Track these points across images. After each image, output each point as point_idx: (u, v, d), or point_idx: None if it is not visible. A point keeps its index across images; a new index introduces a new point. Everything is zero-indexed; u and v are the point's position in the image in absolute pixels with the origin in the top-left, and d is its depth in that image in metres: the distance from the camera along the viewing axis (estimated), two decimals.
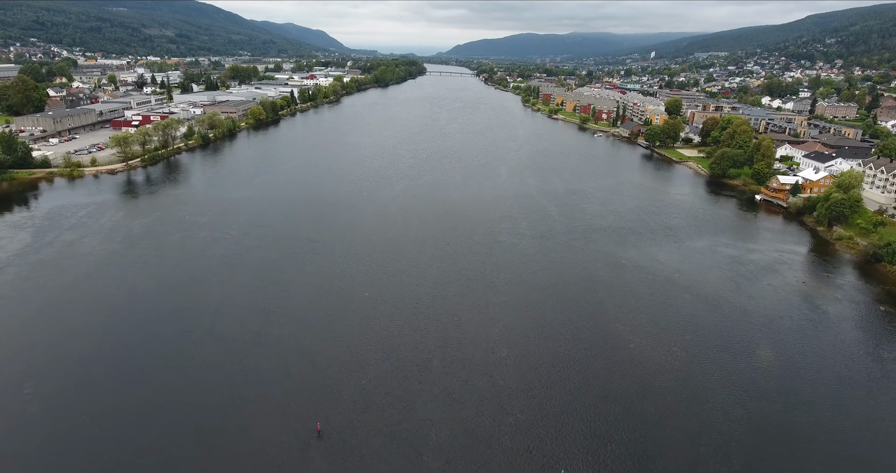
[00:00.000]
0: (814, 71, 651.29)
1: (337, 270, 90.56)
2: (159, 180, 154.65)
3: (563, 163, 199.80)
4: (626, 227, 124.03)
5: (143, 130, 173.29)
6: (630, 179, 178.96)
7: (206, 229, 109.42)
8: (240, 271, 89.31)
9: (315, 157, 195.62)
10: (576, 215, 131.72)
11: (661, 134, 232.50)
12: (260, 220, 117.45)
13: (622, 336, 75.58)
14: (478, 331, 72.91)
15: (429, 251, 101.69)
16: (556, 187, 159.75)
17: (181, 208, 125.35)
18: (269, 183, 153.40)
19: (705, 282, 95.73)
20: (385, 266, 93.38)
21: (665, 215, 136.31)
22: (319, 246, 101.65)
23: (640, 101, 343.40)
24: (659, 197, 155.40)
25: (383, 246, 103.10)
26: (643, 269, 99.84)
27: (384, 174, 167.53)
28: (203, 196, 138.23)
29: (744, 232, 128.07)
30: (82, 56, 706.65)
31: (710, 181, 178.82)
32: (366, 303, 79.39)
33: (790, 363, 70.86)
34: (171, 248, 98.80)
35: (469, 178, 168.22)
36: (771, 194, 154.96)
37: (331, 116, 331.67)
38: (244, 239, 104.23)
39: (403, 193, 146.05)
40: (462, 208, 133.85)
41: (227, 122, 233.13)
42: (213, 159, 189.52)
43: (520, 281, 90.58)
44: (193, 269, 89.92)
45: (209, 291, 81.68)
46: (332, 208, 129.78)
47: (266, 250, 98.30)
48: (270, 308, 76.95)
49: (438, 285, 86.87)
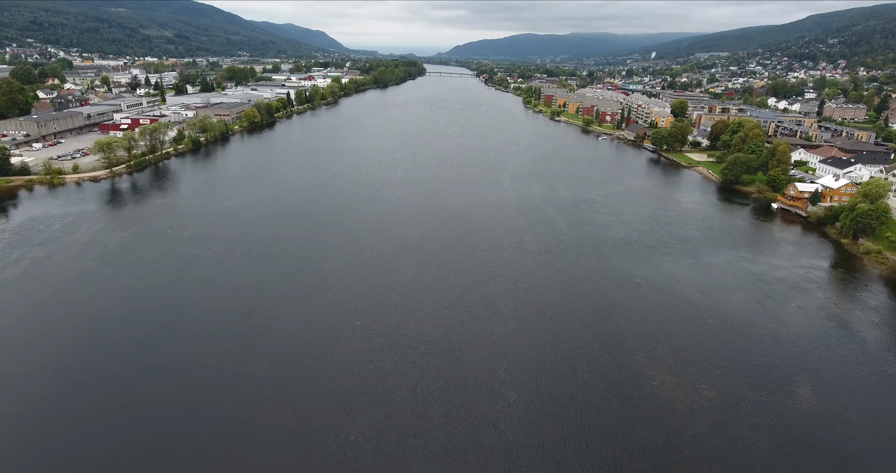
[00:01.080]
0: (818, 71, 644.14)
1: (327, 293, 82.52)
2: (144, 188, 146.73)
3: (567, 168, 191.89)
4: (638, 240, 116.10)
5: (128, 135, 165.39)
6: (638, 185, 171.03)
7: (188, 245, 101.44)
8: (220, 295, 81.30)
9: (310, 161, 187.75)
10: (584, 226, 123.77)
11: (668, 137, 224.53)
12: (247, 233, 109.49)
13: (643, 371, 67.65)
14: (482, 369, 64.90)
15: (428, 270, 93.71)
16: (562, 195, 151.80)
17: (164, 219, 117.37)
18: (260, 191, 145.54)
19: (729, 304, 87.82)
20: (380, 289, 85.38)
21: (679, 225, 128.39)
22: (309, 265, 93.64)
23: (644, 102, 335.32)
24: (670, 205, 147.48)
25: (379, 264, 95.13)
26: (660, 289, 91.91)
27: (381, 181, 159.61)
28: (188, 206, 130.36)
29: (763, 245, 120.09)
30: (79, 57, 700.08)
31: (723, 188, 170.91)
32: (357, 334, 71.39)
33: (835, 405, 62.92)
34: (147, 267, 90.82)
35: (470, 185, 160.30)
36: (788, 203, 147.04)
37: (328, 119, 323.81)
38: (228, 256, 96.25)
39: (401, 202, 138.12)
40: (463, 219, 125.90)
41: (219, 125, 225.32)
42: (202, 165, 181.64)
43: (527, 306, 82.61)
44: (169, 292, 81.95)
45: (184, 319, 73.66)
46: (326, 220, 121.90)
47: (251, 270, 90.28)
48: (251, 341, 68.95)
49: (438, 310, 78.90)
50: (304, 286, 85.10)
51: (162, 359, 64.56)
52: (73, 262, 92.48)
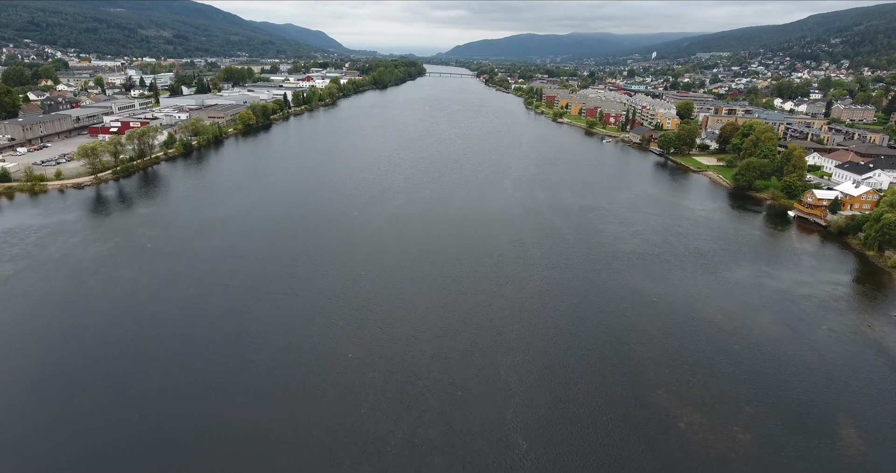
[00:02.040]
0: (821, 71, 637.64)
1: (317, 319, 75.31)
2: (129, 196, 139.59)
3: (572, 173, 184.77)
4: (651, 252, 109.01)
5: (114, 140, 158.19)
6: (647, 191, 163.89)
7: (170, 260, 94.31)
8: (199, 320, 74.12)
9: (305, 166, 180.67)
10: (593, 237, 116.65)
11: (675, 140, 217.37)
12: (234, 247, 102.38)
13: (667, 410, 60.59)
14: (488, 411, 57.76)
15: (427, 290, 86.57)
16: (569, 203, 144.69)
17: (146, 231, 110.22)
18: (252, 198, 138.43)
19: (754, 327, 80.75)
20: (376, 313, 78.21)
21: (693, 236, 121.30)
22: (299, 285, 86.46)
23: (649, 104, 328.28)
24: (682, 213, 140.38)
25: (375, 283, 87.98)
26: (679, 310, 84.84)
27: (379, 187, 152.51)
28: (174, 215, 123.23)
29: (784, 258, 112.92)
30: (76, 57, 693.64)
31: (735, 194, 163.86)
32: (349, 368, 64.25)
33: (884, 450, 55.89)
34: (122, 287, 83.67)
35: (472, 191, 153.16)
36: (806, 211, 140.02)
37: (326, 120, 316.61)
38: (212, 274, 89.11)
39: (400, 211, 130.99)
40: (465, 230, 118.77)
41: (212, 128, 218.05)
42: (193, 170, 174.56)
43: (535, 332, 75.45)
44: (143, 317, 74.78)
45: (157, 351, 66.49)
46: (319, 231, 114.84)
47: (235, 291, 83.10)
48: (230, 378, 61.81)
49: (438, 338, 71.76)
50: (293, 310, 77.91)
51: (126, 403, 57.33)
52: (42, 281, 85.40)
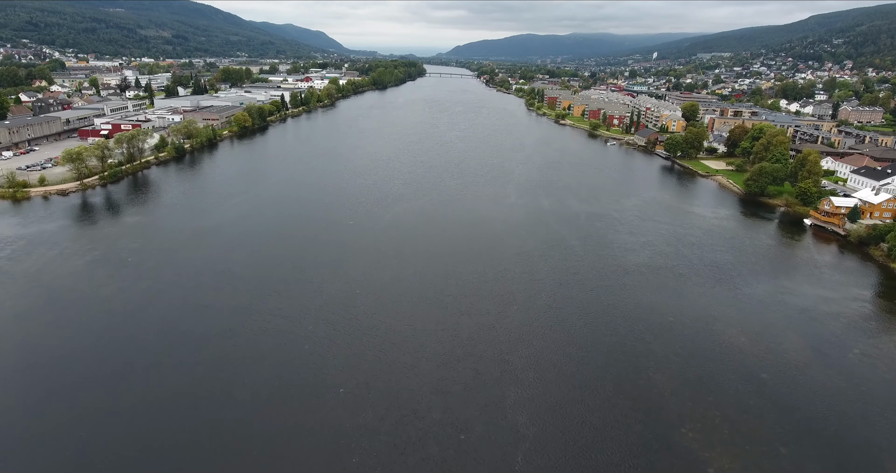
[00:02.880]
0: (825, 72, 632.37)
1: (306, 345, 68.98)
2: (115, 203, 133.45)
3: (577, 178, 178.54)
4: (664, 265, 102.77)
5: (101, 144, 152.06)
6: (656, 197, 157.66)
7: (151, 277, 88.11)
8: (176, 349, 67.74)
9: (300, 171, 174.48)
10: (602, 249, 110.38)
11: (683, 144, 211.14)
12: (222, 261, 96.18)
13: (693, 452, 54.40)
14: (495, 460, 51.42)
15: (427, 310, 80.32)
16: (575, 210, 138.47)
17: (130, 242, 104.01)
18: (243, 206, 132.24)
19: (781, 352, 74.50)
20: (372, 337, 71.94)
21: (707, 247, 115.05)
22: (288, 305, 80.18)
23: (653, 105, 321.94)
24: (694, 222, 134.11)
25: (370, 303, 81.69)
26: (698, 331, 78.64)
27: (377, 194, 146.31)
28: (160, 225, 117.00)
29: (805, 271, 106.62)
30: (74, 58, 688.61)
31: (746, 200, 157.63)
32: (341, 404, 57.97)
33: None
34: (97, 308, 77.44)
35: (474, 199, 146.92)
36: (823, 219, 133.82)
37: (324, 122, 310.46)
38: (195, 293, 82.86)
39: (398, 220, 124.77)
40: (467, 242, 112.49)
41: (205, 131, 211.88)
42: (184, 175, 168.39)
43: (544, 360, 69.12)
44: (117, 344, 68.52)
45: (125, 388, 60.05)
46: (313, 243, 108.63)
47: (219, 313, 76.82)
48: (202, 418, 55.48)
49: (439, 367, 65.48)
50: (280, 335, 71.57)
51: (85, 449, 51.13)
52: (12, 299, 79.30)
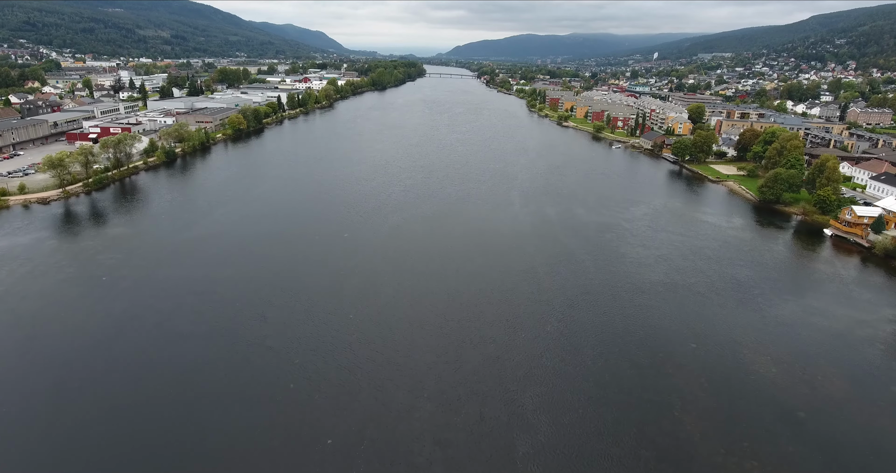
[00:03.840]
0: (828, 73, 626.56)
1: (290, 384, 61.47)
2: (98, 212, 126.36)
3: (583, 184, 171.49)
4: (682, 283, 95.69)
5: (85, 149, 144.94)
6: (666, 205, 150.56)
7: (126, 298, 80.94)
8: (145, 388, 60.11)
9: (295, 176, 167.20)
10: (615, 265, 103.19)
11: (691, 147, 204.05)
12: (204, 279, 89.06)
13: None
14: None
15: (427, 339, 73.00)
16: (583, 220, 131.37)
17: (108, 257, 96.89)
18: (232, 216, 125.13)
19: (817, 384, 67.44)
20: (364, 373, 64.67)
21: (725, 261, 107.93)
22: (273, 332, 72.92)
23: (658, 107, 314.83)
24: (709, 232, 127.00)
25: (365, 330, 74.43)
26: (724, 360, 71.55)
27: (374, 203, 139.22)
28: (143, 237, 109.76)
29: (831, 288, 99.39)
30: (72, 58, 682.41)
31: (761, 208, 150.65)
32: (327, 459, 50.58)
33: None
34: (62, 339, 70.01)
35: (476, 208, 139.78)
36: (844, 229, 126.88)
37: (322, 124, 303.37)
38: (172, 318, 75.59)
39: (396, 233, 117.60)
40: (469, 258, 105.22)
41: (197, 134, 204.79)
42: (174, 182, 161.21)
43: (556, 399, 61.77)
44: (79, 380, 61.28)
45: (85, 433, 53.08)
46: (305, 258, 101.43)
47: (196, 343, 69.43)
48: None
49: (439, 411, 58.19)
50: (263, 370, 64.22)
51: None
52: None
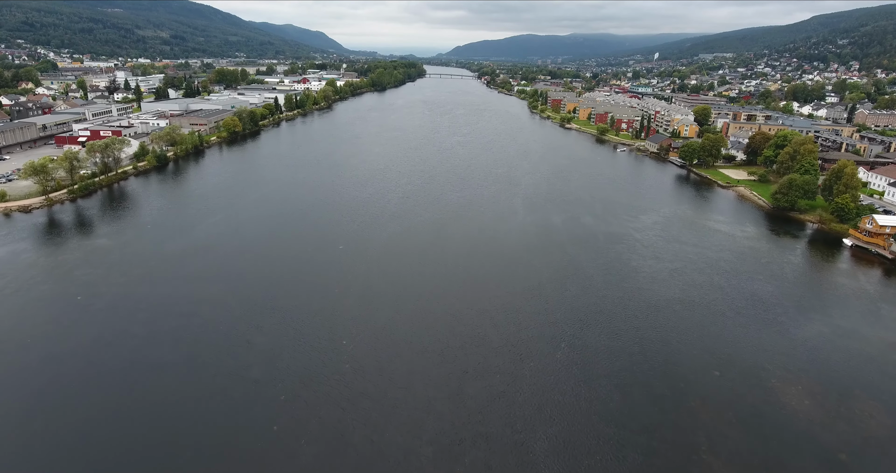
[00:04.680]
0: (832, 73, 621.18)
1: (273, 426, 54.97)
2: (81, 222, 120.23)
3: (589, 190, 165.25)
4: (699, 300, 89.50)
5: (70, 154, 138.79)
6: (676, 212, 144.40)
7: (99, 321, 74.72)
8: (111, 433, 53.92)
9: (290, 182, 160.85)
10: (627, 281, 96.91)
11: (700, 151, 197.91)
12: (187, 299, 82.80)
13: None
14: None
15: (427, 369, 66.59)
16: (591, 230, 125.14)
17: (84, 272, 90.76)
18: (222, 225, 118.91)
19: (854, 419, 61.31)
20: (357, 411, 58.30)
21: (743, 275, 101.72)
22: (260, 360, 66.65)
23: (663, 108, 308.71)
24: (723, 242, 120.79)
25: (358, 360, 68.10)
26: (751, 391, 65.39)
27: (372, 210, 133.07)
28: (126, 249, 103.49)
29: (858, 305, 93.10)
30: (69, 58, 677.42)
31: (774, 215, 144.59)
32: None
33: None
34: (24, 370, 63.85)
35: (478, 216, 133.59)
36: (865, 239, 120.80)
37: (319, 126, 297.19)
38: (148, 345, 69.17)
39: (394, 244, 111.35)
40: (471, 273, 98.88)
41: (190, 137, 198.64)
42: (164, 188, 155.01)
43: (571, 443, 55.19)
44: (41, 426, 55.14)
45: None
46: (296, 273, 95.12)
47: (171, 374, 63.06)
48: None
49: (440, 458, 51.68)
50: (244, 409, 57.76)
51: None
52: None
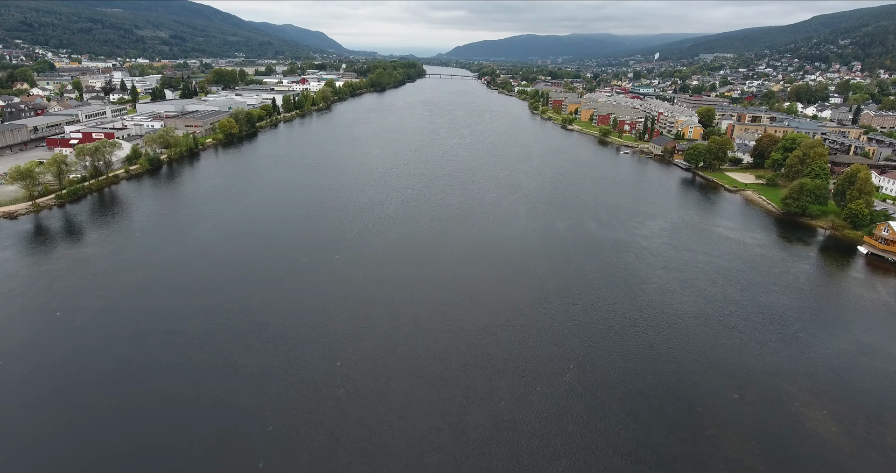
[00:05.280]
0: (835, 74, 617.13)
1: (259, 463, 50.45)
2: (68, 229, 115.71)
3: (593, 194, 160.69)
4: (713, 314, 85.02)
5: (58, 158, 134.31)
6: (684, 218, 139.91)
7: (77, 341, 70.07)
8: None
9: (285, 187, 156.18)
10: (636, 292, 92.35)
11: (706, 154, 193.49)
12: (172, 312, 78.25)
13: None
14: None
15: (426, 394, 61.92)
16: (596, 237, 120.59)
17: (66, 284, 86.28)
18: (213, 233, 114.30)
19: (887, 449, 56.88)
20: (351, 444, 53.48)
21: (757, 286, 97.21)
22: (246, 387, 61.95)
23: (666, 110, 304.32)
24: (734, 250, 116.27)
25: (353, 383, 63.52)
26: (775, 417, 60.91)
27: (369, 217, 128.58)
28: (113, 257, 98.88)
29: (879, 319, 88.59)
30: (67, 58, 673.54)
31: (784, 221, 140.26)
32: None
33: None
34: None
35: (479, 222, 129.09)
36: (881, 247, 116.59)
37: (318, 128, 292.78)
38: (127, 368, 64.57)
39: (392, 254, 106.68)
40: (473, 284, 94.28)
41: (185, 139, 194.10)
42: (156, 192, 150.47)
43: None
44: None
45: None
46: (288, 287, 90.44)
47: (150, 401, 58.13)
48: None
49: None
50: (227, 443, 52.97)
51: None
52: None
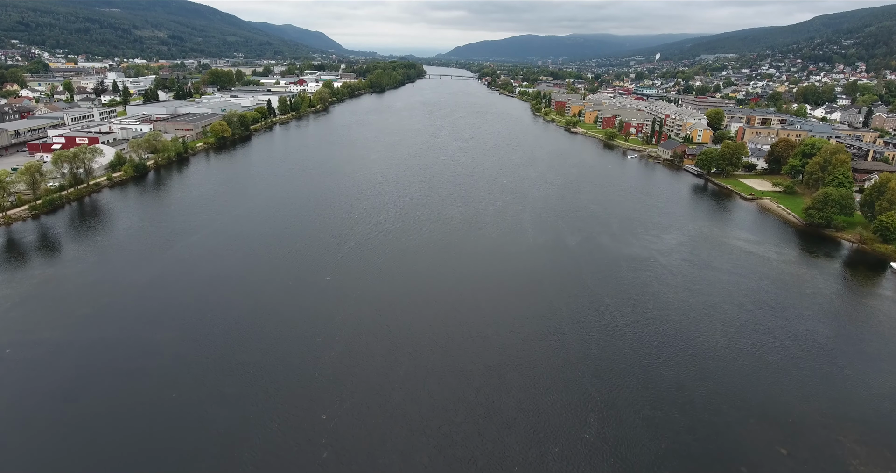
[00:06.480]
0: (839, 74, 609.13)
1: None
2: (38, 245, 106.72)
3: (603, 203, 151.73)
4: (745, 347, 76.03)
5: (31, 166, 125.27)
6: (701, 230, 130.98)
7: (17, 389, 60.89)
8: None
9: (276, 196, 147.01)
10: (658, 319, 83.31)
11: (719, 159, 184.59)
12: (136, 349, 69.17)
13: None
14: None
15: (425, 458, 53.02)
16: (611, 254, 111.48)
17: (21, 314, 77.27)
18: (196, 249, 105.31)
19: None
20: None
21: (790, 311, 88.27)
22: (213, 449, 52.74)
23: (673, 112, 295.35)
24: (759, 268, 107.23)
25: (341, 444, 54.47)
26: None
27: (364, 231, 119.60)
28: (80, 279, 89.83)
29: None
30: (64, 59, 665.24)
31: (807, 233, 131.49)
32: None
33: None
34: None
35: (482, 236, 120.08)
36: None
37: (315, 131, 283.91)
38: (70, 423, 55.63)
39: (389, 273, 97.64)
40: (478, 310, 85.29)
41: (174, 144, 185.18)
42: (140, 201, 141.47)
43: None
44: None
45: None
46: (272, 316, 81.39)
47: (114, 460, 49.96)
48: None
49: None
50: None
51: None
52: None
